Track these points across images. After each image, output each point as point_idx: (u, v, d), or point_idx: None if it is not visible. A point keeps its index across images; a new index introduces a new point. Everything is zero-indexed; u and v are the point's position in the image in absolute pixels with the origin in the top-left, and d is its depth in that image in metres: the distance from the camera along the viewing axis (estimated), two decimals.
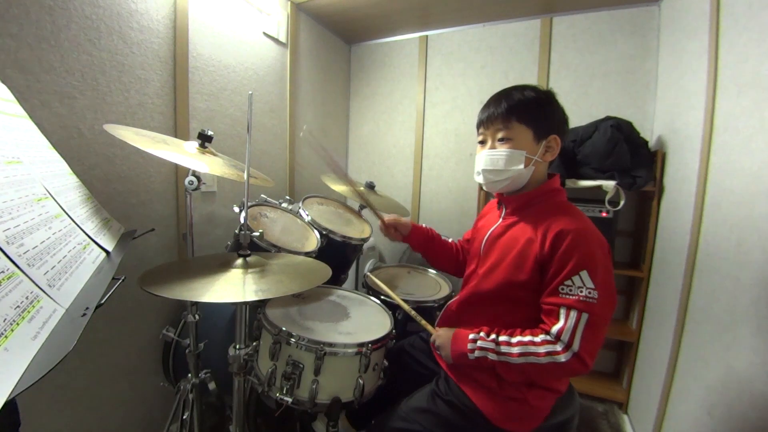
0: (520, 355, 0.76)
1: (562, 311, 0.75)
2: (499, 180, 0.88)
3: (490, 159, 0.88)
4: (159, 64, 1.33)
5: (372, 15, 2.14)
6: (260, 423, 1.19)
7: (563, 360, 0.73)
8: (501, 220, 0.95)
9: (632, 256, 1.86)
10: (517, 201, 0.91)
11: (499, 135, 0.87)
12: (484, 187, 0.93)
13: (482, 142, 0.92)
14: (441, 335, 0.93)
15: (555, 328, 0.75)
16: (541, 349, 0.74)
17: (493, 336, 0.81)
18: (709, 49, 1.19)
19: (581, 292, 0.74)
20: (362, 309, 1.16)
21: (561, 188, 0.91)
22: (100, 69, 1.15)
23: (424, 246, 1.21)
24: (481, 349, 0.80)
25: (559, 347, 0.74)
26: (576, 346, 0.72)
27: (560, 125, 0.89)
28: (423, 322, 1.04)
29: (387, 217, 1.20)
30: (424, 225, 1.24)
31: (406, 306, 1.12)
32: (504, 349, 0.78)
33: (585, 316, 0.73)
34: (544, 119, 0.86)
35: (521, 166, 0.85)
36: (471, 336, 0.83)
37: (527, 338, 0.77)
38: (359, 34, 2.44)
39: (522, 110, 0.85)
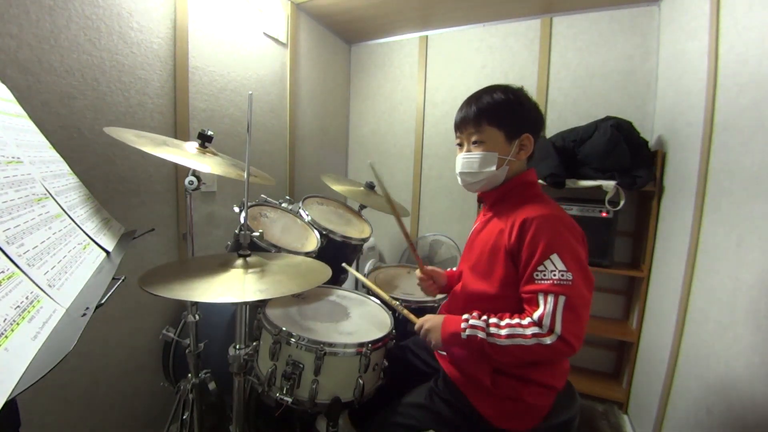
0: (508, 336, 0.77)
1: (540, 297, 0.76)
2: (475, 181, 0.92)
3: (466, 162, 0.91)
4: (159, 64, 1.33)
5: (372, 15, 2.14)
6: (260, 423, 1.19)
7: (549, 342, 0.74)
8: (482, 217, 0.98)
9: (632, 256, 1.85)
10: (493, 197, 0.95)
11: (473, 138, 0.90)
12: (464, 189, 0.96)
13: (460, 145, 0.95)
14: (431, 319, 0.92)
15: (536, 315, 0.76)
16: (528, 331, 0.75)
17: (484, 317, 0.82)
18: (709, 49, 1.19)
19: (554, 275, 0.75)
20: (362, 309, 1.16)
21: (534, 181, 0.93)
22: (100, 69, 1.15)
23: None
24: (473, 327, 0.81)
25: (543, 331, 0.75)
26: (558, 329, 0.73)
27: (533, 123, 0.90)
28: (405, 311, 1.03)
29: (427, 268, 1.11)
30: (453, 269, 1.18)
31: (386, 296, 1.10)
32: (493, 330, 0.79)
33: (562, 299, 0.74)
34: (514, 120, 0.88)
35: (494, 168, 0.88)
36: (464, 316, 0.85)
37: (515, 321, 0.78)
38: (359, 34, 2.44)
39: (491, 113, 0.87)
